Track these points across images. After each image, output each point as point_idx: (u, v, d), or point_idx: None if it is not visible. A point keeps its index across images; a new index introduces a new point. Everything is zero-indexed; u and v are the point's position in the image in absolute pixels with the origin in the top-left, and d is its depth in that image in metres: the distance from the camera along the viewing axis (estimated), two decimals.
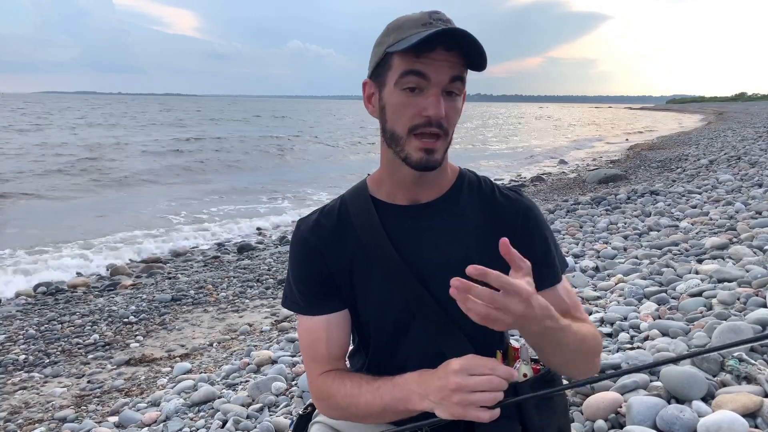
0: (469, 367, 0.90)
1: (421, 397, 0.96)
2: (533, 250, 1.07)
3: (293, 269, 1.16)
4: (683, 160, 12.54)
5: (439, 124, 1.00)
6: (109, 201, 11.60)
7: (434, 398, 0.93)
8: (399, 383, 1.00)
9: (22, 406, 3.43)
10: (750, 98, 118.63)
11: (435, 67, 0.98)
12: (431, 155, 1.02)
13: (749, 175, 7.78)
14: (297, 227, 1.17)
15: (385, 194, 1.14)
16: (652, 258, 4.21)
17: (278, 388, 2.93)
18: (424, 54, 0.97)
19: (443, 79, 0.99)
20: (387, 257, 1.09)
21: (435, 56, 0.98)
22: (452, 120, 1.03)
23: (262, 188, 13.35)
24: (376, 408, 1.03)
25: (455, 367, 0.91)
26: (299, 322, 1.17)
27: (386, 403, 1.01)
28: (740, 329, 2.28)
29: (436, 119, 0.99)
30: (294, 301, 1.16)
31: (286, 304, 1.18)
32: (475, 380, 0.89)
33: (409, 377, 1.00)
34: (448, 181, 1.15)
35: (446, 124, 1.01)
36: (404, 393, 0.99)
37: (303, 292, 1.14)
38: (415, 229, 1.11)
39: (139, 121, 41.57)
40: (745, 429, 1.68)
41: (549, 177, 13.61)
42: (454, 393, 0.89)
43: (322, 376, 1.12)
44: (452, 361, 0.93)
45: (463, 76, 1.01)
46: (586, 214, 6.96)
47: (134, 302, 5.33)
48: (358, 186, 1.19)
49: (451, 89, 1.00)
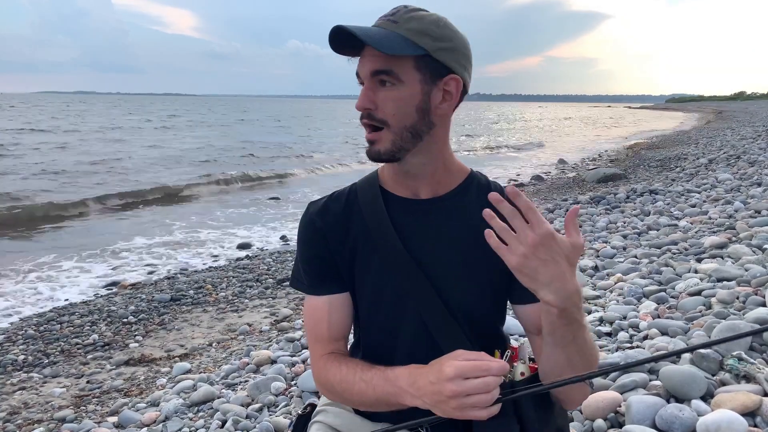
0: (463, 371, 0.89)
1: (414, 397, 0.96)
2: None
3: (300, 249, 1.19)
4: (682, 159, 12.55)
5: (368, 115, 1.04)
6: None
7: (429, 400, 0.93)
8: (390, 378, 1.01)
9: (22, 407, 3.43)
10: (749, 97, 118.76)
11: (361, 63, 1.05)
12: (372, 146, 1.06)
13: (748, 174, 7.78)
14: (306, 209, 1.20)
15: (390, 185, 1.16)
16: (652, 257, 4.21)
17: (277, 387, 2.93)
18: (352, 55, 1.06)
19: (366, 74, 1.04)
20: (390, 244, 1.10)
21: (360, 53, 1.05)
22: (388, 109, 1.03)
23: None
24: (369, 398, 1.05)
25: (449, 374, 0.89)
26: (305, 302, 1.21)
27: (378, 396, 1.03)
28: (739, 328, 2.28)
29: (358, 109, 1.04)
30: (300, 279, 1.19)
31: (293, 282, 1.22)
32: (470, 384, 0.88)
33: (400, 374, 1.00)
34: (454, 179, 1.15)
35: (380, 114, 1.03)
36: (395, 389, 1.00)
37: (307, 272, 1.16)
38: (419, 222, 1.13)
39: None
40: (745, 428, 1.68)
41: (548, 176, 13.61)
42: (451, 399, 0.89)
43: (322, 358, 1.14)
44: (444, 366, 0.91)
45: (386, 68, 1.01)
46: (585, 213, 6.97)
47: (133, 302, 5.32)
48: (370, 175, 1.21)
49: (381, 80, 1.03)
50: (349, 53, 1.06)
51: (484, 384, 0.88)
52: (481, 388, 0.88)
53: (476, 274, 1.11)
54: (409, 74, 1.02)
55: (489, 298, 1.13)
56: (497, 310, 1.17)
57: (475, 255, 1.09)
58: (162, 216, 10.03)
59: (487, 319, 1.15)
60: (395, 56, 1.00)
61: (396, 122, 1.03)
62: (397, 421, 1.03)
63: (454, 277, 1.10)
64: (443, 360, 0.93)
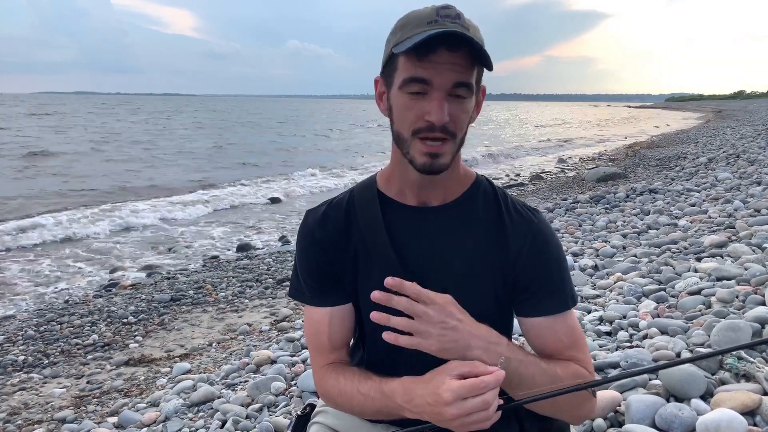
0: (461, 394, 0.87)
1: (414, 414, 0.95)
2: (536, 273, 1.07)
3: (299, 260, 1.16)
4: (682, 158, 12.55)
5: (443, 128, 0.97)
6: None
7: (429, 419, 0.92)
8: (386, 393, 1.00)
9: (22, 407, 3.43)
10: (748, 96, 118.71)
11: (438, 71, 0.95)
12: (436, 159, 0.99)
13: (748, 173, 7.78)
14: (305, 218, 1.17)
15: (395, 192, 1.12)
16: (651, 256, 4.21)
17: (277, 387, 2.93)
18: (426, 57, 0.94)
19: (446, 84, 0.96)
20: (385, 256, 1.08)
21: (437, 59, 0.94)
22: (459, 123, 0.99)
23: None
24: (369, 409, 1.04)
25: (448, 399, 0.87)
26: (305, 311, 1.19)
27: (378, 408, 1.02)
28: (739, 327, 2.28)
29: (438, 125, 0.97)
30: (299, 290, 1.17)
31: (291, 293, 1.20)
32: (470, 404, 0.87)
33: (395, 388, 0.98)
34: (461, 185, 1.12)
35: (452, 127, 0.98)
36: (393, 404, 0.99)
37: (307, 283, 1.15)
38: (420, 231, 1.10)
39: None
40: (744, 427, 1.68)
41: (548, 176, 13.60)
42: (452, 421, 0.88)
43: (322, 369, 1.14)
44: (441, 391, 0.89)
45: (468, 82, 0.97)
46: (585, 212, 6.97)
47: (133, 302, 5.32)
48: (367, 181, 1.18)
49: (456, 93, 0.97)
50: (430, 57, 0.95)
51: (483, 402, 0.86)
52: (480, 406, 0.86)
53: (481, 283, 1.09)
54: (475, 87, 1.00)
55: (493, 308, 1.10)
56: (502, 320, 1.13)
57: (480, 265, 1.08)
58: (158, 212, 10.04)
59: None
60: (474, 68, 0.98)
61: (460, 134, 1.01)
62: (397, 424, 1.03)
63: (457, 287, 1.04)
64: (437, 380, 0.91)
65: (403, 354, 1.12)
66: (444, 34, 0.92)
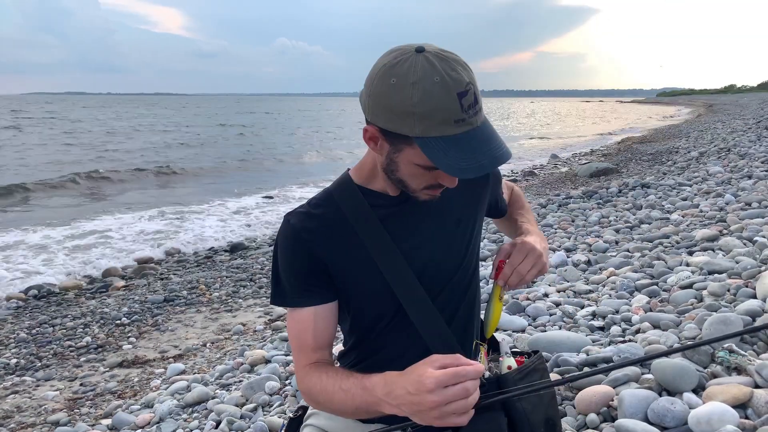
0: (443, 381, 0.88)
1: (392, 406, 0.95)
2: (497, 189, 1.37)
3: (283, 262, 1.15)
4: (674, 152, 12.60)
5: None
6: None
7: (408, 410, 0.92)
8: (367, 387, 1.00)
9: (15, 411, 3.41)
10: (739, 90, 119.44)
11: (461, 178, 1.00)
12: (436, 195, 1.09)
13: (739, 166, 7.83)
14: (286, 221, 1.16)
15: (379, 187, 1.15)
16: (644, 251, 4.23)
17: (272, 387, 2.93)
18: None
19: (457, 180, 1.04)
20: (383, 245, 1.10)
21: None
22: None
23: None
24: (349, 407, 1.04)
25: (430, 386, 0.88)
26: (288, 314, 1.18)
27: (358, 405, 1.02)
28: (730, 320, 2.29)
29: (451, 186, 1.05)
30: (283, 294, 1.16)
31: (275, 300, 1.18)
32: (450, 392, 0.87)
33: (376, 382, 0.98)
34: None
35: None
36: (373, 398, 0.98)
37: (292, 284, 1.14)
38: (406, 215, 1.14)
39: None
40: (736, 420, 1.69)
41: (541, 171, 13.64)
42: (432, 410, 0.88)
43: (305, 368, 1.13)
44: (424, 378, 0.89)
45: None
46: (577, 207, 6.99)
47: (126, 304, 5.30)
48: (342, 179, 1.18)
49: None
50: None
51: (463, 389, 0.87)
52: (460, 394, 0.87)
53: (463, 241, 1.21)
54: None
55: (472, 250, 1.24)
56: (475, 251, 1.25)
57: (456, 229, 1.19)
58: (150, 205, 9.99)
59: (461, 278, 1.21)
60: None
61: None
62: (389, 423, 1.03)
63: (444, 256, 1.17)
64: (419, 369, 0.91)
65: (398, 343, 1.15)
66: (480, 166, 0.93)
